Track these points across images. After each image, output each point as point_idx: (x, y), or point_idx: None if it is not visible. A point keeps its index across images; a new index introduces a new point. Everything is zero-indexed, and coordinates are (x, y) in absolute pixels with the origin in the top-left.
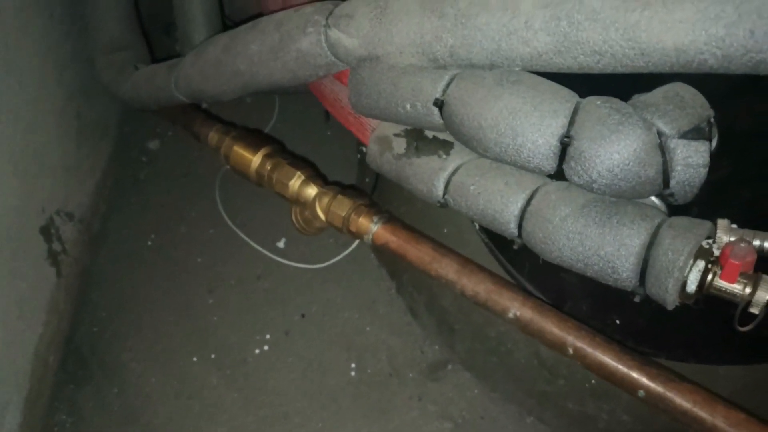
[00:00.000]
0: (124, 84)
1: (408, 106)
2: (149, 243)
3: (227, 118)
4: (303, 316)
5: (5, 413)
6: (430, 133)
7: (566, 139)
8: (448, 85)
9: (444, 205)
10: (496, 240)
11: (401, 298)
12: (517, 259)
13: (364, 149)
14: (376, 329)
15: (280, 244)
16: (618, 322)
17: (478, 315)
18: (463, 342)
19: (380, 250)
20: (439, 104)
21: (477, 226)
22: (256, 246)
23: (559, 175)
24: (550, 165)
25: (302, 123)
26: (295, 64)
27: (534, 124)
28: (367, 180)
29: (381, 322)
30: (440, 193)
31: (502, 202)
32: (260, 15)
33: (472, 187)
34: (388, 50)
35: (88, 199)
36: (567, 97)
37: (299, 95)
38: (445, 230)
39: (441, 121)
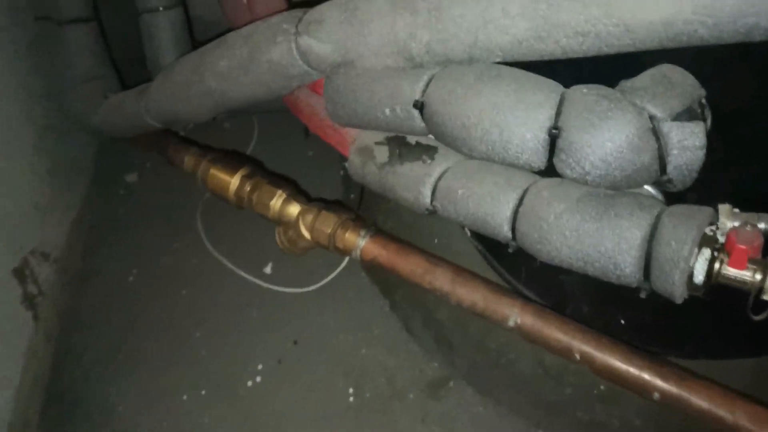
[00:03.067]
0: (95, 114)
1: (387, 110)
2: (131, 279)
3: (205, 143)
4: (295, 342)
5: None
6: (412, 139)
7: (554, 131)
8: (427, 86)
9: (432, 212)
10: (489, 246)
11: (396, 316)
12: (512, 264)
13: (346, 165)
14: (373, 350)
15: (267, 270)
16: (623, 321)
17: (476, 327)
18: (463, 356)
19: (370, 266)
20: (419, 106)
21: (469, 233)
22: (242, 273)
23: (550, 171)
24: (539, 160)
25: (282, 145)
26: (268, 77)
27: (519, 117)
28: (352, 196)
29: (377, 343)
30: (427, 200)
31: (492, 204)
32: (229, 31)
33: (460, 191)
34: (362, 53)
35: (64, 237)
36: (552, 88)
37: (278, 116)
38: (436, 241)
39: (422, 124)
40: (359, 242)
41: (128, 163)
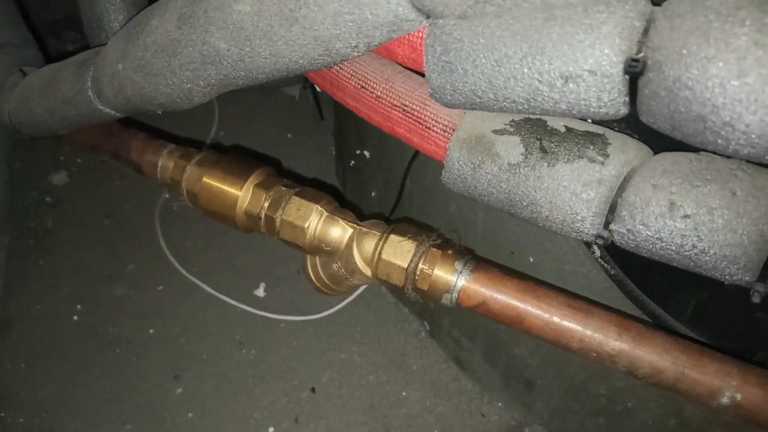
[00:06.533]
0: (5, 99)
1: (558, 81)
2: (75, 318)
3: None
4: (313, 390)
5: None
6: (557, 123)
7: None
8: (646, 32)
9: (605, 243)
10: (632, 271)
11: (437, 344)
12: (667, 297)
13: (366, 153)
14: (415, 392)
15: (259, 292)
16: None
17: (577, 368)
18: (548, 400)
19: (472, 313)
20: (637, 68)
21: (597, 252)
22: (227, 299)
23: None
24: None
25: (252, 129)
26: (333, 28)
27: None
28: (373, 194)
29: (418, 382)
30: (598, 221)
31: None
32: None
33: (681, 210)
34: None
35: None
36: None
37: (240, 95)
38: (531, 260)
39: (625, 99)
40: (455, 281)
41: (52, 161)
